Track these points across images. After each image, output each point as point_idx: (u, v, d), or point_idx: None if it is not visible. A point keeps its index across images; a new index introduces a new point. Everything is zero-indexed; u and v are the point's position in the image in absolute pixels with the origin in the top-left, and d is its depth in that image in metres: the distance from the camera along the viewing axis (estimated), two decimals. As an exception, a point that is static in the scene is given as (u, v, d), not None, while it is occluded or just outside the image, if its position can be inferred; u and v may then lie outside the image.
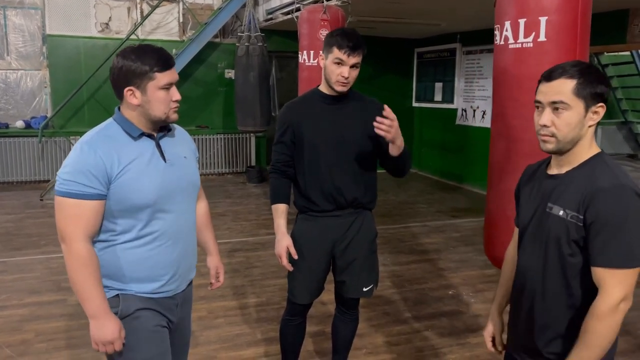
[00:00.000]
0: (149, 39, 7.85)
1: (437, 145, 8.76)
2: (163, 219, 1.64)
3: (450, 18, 6.50)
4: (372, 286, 2.41)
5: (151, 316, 1.65)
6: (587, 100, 1.35)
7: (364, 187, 2.28)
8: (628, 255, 1.28)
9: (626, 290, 1.29)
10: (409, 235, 5.49)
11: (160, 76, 1.55)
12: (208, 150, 8.30)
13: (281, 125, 2.29)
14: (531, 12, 2.03)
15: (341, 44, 2.11)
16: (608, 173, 1.34)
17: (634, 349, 3.16)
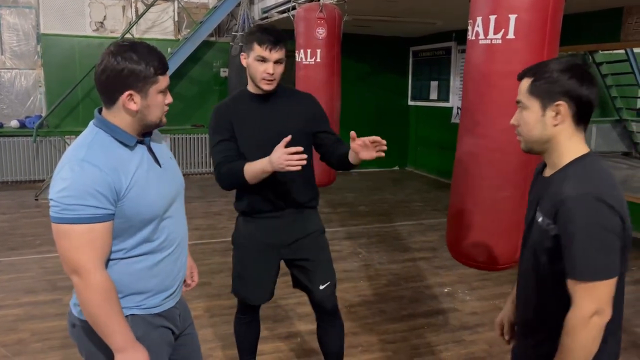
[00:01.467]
0: (144, 37, 7.82)
1: (433, 144, 8.77)
2: (167, 226, 1.55)
3: (446, 17, 6.51)
4: (329, 283, 2.32)
5: (159, 334, 1.58)
6: (543, 99, 1.33)
7: (301, 185, 2.22)
8: (594, 267, 1.23)
9: (598, 303, 1.23)
10: (405, 233, 5.50)
11: (162, 79, 1.45)
12: (203, 149, 8.28)
13: (216, 127, 2.16)
14: (502, 9, 2.03)
15: (261, 39, 2.04)
16: (578, 179, 1.28)
17: (628, 346, 3.18)
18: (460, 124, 2.39)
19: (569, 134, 1.34)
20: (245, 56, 2.13)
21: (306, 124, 2.19)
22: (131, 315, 1.51)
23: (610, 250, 1.23)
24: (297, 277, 2.35)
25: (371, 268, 4.43)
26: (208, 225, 5.70)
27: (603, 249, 1.22)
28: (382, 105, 9.05)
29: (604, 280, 1.23)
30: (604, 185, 1.27)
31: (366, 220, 5.92)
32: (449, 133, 8.29)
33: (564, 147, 1.35)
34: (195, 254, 4.70)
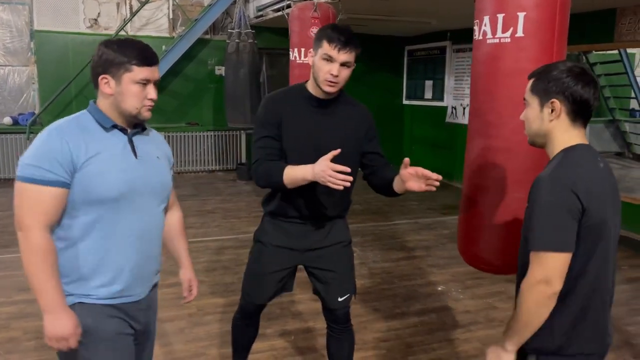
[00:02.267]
0: (138, 35, 7.79)
1: (428, 143, 8.79)
2: (129, 216, 1.56)
3: (441, 16, 6.52)
4: (349, 295, 2.26)
5: (112, 324, 1.58)
6: (541, 97, 1.46)
7: (339, 198, 2.11)
8: (545, 239, 1.35)
9: (546, 272, 1.35)
10: (399, 232, 5.51)
11: (137, 70, 1.51)
12: (198, 147, 8.27)
13: (264, 120, 2.07)
14: (509, 7, 2.02)
15: (331, 37, 1.93)
16: (555, 164, 1.42)
17: (620, 344, 3.21)
18: (470, 126, 2.36)
19: (564, 129, 1.45)
20: (313, 53, 2.02)
21: (358, 140, 2.09)
22: (79, 303, 1.54)
23: (564, 227, 1.34)
24: (316, 287, 2.28)
25: (365, 266, 4.44)
26: (202, 224, 5.69)
27: (556, 225, 1.34)
28: (377, 105, 9.02)
29: (553, 252, 1.34)
30: (573, 171, 1.38)
31: (361, 219, 5.93)
32: (444, 132, 8.33)
33: (558, 140, 1.46)
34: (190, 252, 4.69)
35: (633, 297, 3.95)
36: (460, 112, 7.90)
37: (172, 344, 3.10)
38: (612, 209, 1.42)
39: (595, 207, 1.35)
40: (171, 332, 3.24)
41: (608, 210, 1.39)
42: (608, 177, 1.45)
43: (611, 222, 1.41)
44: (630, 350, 3.14)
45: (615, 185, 1.48)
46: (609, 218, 1.39)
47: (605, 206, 1.38)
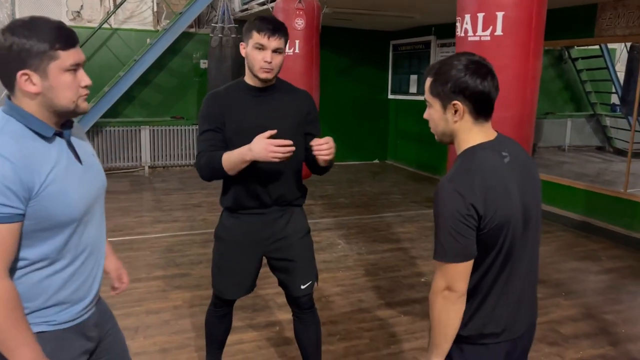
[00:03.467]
0: (122, 28, 7.74)
1: (413, 137, 8.86)
2: (84, 232, 1.39)
3: (425, 11, 6.57)
4: (311, 283, 2.31)
5: (73, 347, 1.41)
6: (442, 99, 1.42)
7: (290, 183, 2.19)
8: (440, 249, 1.37)
9: (447, 280, 1.37)
10: (383, 225, 5.57)
11: (64, 55, 1.25)
12: (183, 141, 8.23)
13: (206, 115, 2.12)
14: (489, 7, 2.09)
15: (260, 27, 2.01)
16: (452, 169, 1.42)
17: (597, 332, 3.29)
18: None
19: (467, 128, 1.43)
20: (244, 45, 2.09)
21: (299, 123, 2.14)
22: (39, 332, 1.33)
23: (461, 238, 1.34)
24: (278, 277, 2.34)
25: (349, 259, 4.48)
26: (188, 217, 5.69)
27: (452, 233, 1.34)
28: (362, 99, 9.10)
29: (452, 262, 1.36)
30: (465, 176, 1.37)
31: (346, 212, 5.97)
32: (428, 126, 8.37)
33: (462, 139, 1.45)
34: (175, 246, 4.73)
35: (610, 287, 4.05)
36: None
37: (157, 335, 3.11)
38: (512, 207, 1.39)
39: (492, 210, 1.35)
40: (156, 324, 3.26)
41: (506, 210, 1.38)
42: (512, 171, 1.42)
43: (515, 219, 1.40)
44: (607, 338, 3.23)
45: (525, 172, 1.47)
46: (512, 217, 1.39)
47: (506, 203, 1.37)
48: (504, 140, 1.48)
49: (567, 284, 4.05)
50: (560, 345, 3.10)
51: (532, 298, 1.55)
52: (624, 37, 5.31)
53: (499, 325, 1.45)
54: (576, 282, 4.10)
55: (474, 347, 1.46)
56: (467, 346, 1.47)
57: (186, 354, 2.93)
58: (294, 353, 2.92)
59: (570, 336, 3.22)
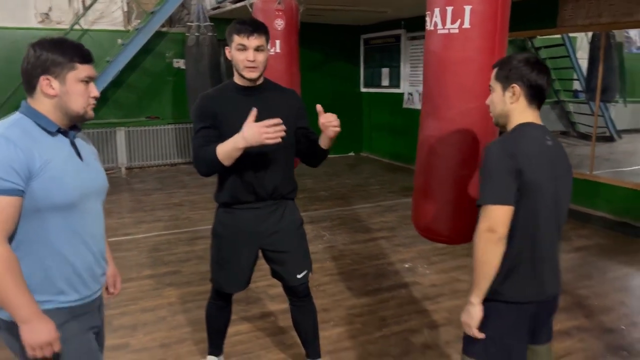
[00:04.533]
0: (92, 29, 7.66)
1: (386, 129, 9.05)
2: (82, 219, 1.57)
3: (395, 5, 6.72)
4: (306, 272, 2.42)
5: (78, 325, 1.59)
6: (503, 83, 1.71)
7: (283, 177, 2.28)
8: (484, 195, 1.61)
9: (490, 222, 1.59)
10: (364, 215, 5.73)
11: (81, 68, 1.51)
12: (160, 141, 8.22)
13: (200, 115, 2.20)
14: (457, 1, 2.21)
15: (239, 29, 2.11)
16: (502, 136, 1.69)
17: (572, 306, 3.52)
18: (422, 109, 2.56)
19: (521, 110, 1.70)
20: (229, 50, 2.19)
21: (289, 119, 2.23)
22: (46, 309, 1.51)
23: (504, 185, 1.58)
24: (274, 269, 2.42)
25: (335, 249, 4.63)
26: (170, 216, 5.74)
27: (498, 182, 1.59)
28: (336, 93, 9.22)
29: (493, 205, 1.58)
30: (513, 139, 1.65)
31: (327, 205, 6.11)
32: (401, 118, 8.59)
33: (515, 119, 1.71)
34: (162, 245, 4.79)
35: (581, 264, 4.30)
36: (416, 97, 8.17)
37: (155, 331, 3.19)
38: (549, 178, 1.64)
39: (530, 170, 1.59)
40: (153, 321, 3.33)
41: (543, 177, 1.63)
42: (551, 152, 1.67)
43: (546, 188, 1.63)
44: (581, 310, 3.46)
45: (561, 160, 1.72)
46: (544, 184, 1.63)
47: (541, 173, 1.62)
48: (548, 130, 1.74)
49: (542, 263, 4.28)
50: (538, 320, 3.31)
51: (557, 268, 1.77)
52: (585, 27, 5.58)
53: (530, 288, 1.67)
54: (550, 261, 4.33)
55: (507, 305, 1.68)
56: (501, 305, 1.68)
57: (186, 347, 3.02)
58: (290, 341, 3.05)
59: (548, 311, 3.43)
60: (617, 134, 9.55)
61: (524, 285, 1.67)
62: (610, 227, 5.18)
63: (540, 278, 1.69)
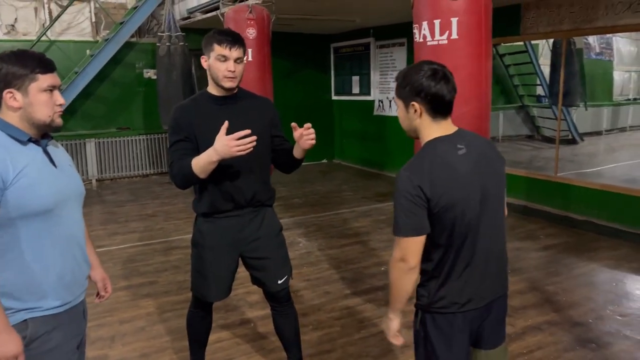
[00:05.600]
0: (59, 40, 7.57)
1: (358, 136, 9.17)
2: (62, 225, 1.59)
3: (364, 14, 6.86)
4: (286, 277, 2.45)
5: (62, 336, 1.60)
6: (404, 100, 1.67)
7: (261, 184, 2.31)
8: (396, 226, 1.61)
9: (402, 253, 1.61)
10: (339, 221, 5.80)
11: (42, 78, 1.53)
12: (131, 152, 8.14)
13: (175, 127, 2.20)
14: (444, 13, 2.32)
15: (220, 39, 2.13)
16: (409, 161, 1.66)
17: (542, 302, 3.65)
18: None
19: (427, 125, 1.66)
20: (206, 58, 2.20)
21: (264, 127, 2.28)
22: (31, 317, 1.53)
23: (410, 214, 1.58)
24: (255, 276, 2.44)
25: (312, 255, 4.67)
26: (145, 227, 5.69)
27: (407, 213, 1.59)
28: (307, 101, 9.31)
29: (404, 237, 1.60)
30: (419, 165, 1.62)
31: (301, 212, 6.16)
32: (373, 125, 8.73)
33: (423, 135, 1.68)
34: (137, 256, 4.75)
35: (549, 262, 4.45)
36: (386, 104, 8.32)
37: (135, 342, 3.17)
38: (465, 192, 1.60)
39: (438, 195, 1.57)
40: (132, 331, 3.31)
41: (457, 196, 1.59)
42: (466, 161, 1.62)
43: (464, 201, 1.60)
44: (551, 306, 3.59)
45: (483, 161, 1.67)
46: (458, 200, 1.59)
47: (453, 193, 1.58)
48: (464, 134, 1.70)
49: (512, 262, 4.42)
50: (511, 316, 3.42)
51: (497, 271, 1.76)
52: (547, 34, 5.81)
53: (463, 296, 1.68)
54: (520, 260, 4.48)
55: (443, 316, 1.69)
56: (437, 315, 1.70)
57: (167, 356, 3.01)
58: (271, 346, 3.08)
59: (519, 307, 3.56)
60: (580, 136, 9.90)
61: (456, 294, 1.68)
62: (575, 226, 5.38)
63: (474, 285, 1.69)
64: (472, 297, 1.69)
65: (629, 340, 3.11)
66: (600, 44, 11.58)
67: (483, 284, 1.71)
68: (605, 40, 11.55)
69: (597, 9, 5.06)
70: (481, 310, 1.72)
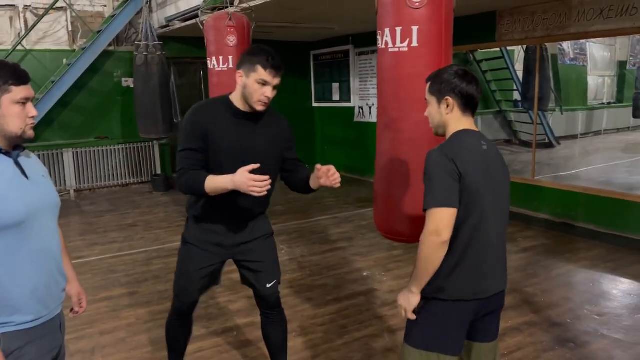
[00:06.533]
0: (35, 49, 7.47)
1: (339, 142, 9.21)
2: (36, 237, 1.56)
3: (343, 22, 6.92)
4: (275, 282, 2.45)
5: (36, 350, 1.56)
6: (438, 96, 1.82)
7: (263, 200, 2.30)
8: (429, 199, 1.68)
9: (435, 225, 1.66)
10: (321, 227, 5.81)
11: (16, 90, 1.50)
12: (110, 161, 8.04)
13: (191, 132, 2.16)
14: (405, 21, 2.39)
15: (265, 64, 2.09)
16: (442, 143, 1.79)
17: (521, 303, 3.71)
18: (379, 121, 2.74)
19: (456, 119, 1.82)
20: (242, 75, 2.14)
21: (279, 149, 2.28)
22: (3, 332, 1.50)
23: (447, 188, 1.67)
24: (245, 276, 2.46)
25: (294, 261, 4.68)
26: (125, 237, 5.63)
27: (439, 185, 1.67)
28: (288, 108, 9.21)
29: (438, 207, 1.66)
30: (451, 146, 1.76)
31: (284, 219, 6.16)
32: (353, 131, 8.77)
33: (452, 127, 1.82)
34: (118, 266, 4.70)
35: (528, 263, 4.53)
36: (367, 111, 8.38)
37: (115, 353, 3.14)
38: (485, 180, 1.73)
39: (469, 174, 1.68)
40: (112, 343, 3.27)
41: (481, 179, 1.71)
42: (487, 156, 1.76)
43: (485, 190, 1.72)
44: (530, 307, 3.64)
45: (497, 163, 1.81)
46: (482, 186, 1.71)
47: (479, 176, 1.70)
48: (484, 136, 1.84)
49: (492, 265, 4.48)
50: (491, 318, 3.47)
51: (502, 266, 1.85)
52: (521, 40, 5.93)
53: (471, 285, 1.75)
54: (499, 263, 4.54)
55: (447, 303, 1.76)
56: (441, 302, 1.77)
57: (148, 367, 2.98)
58: (255, 353, 3.07)
59: (499, 309, 3.60)
60: (556, 140, 10.10)
61: (465, 283, 1.75)
62: (552, 228, 5.48)
63: (482, 276, 1.77)
64: (479, 288, 1.77)
65: (606, 339, 3.17)
66: (575, 49, 11.85)
67: (490, 276, 1.79)
68: (579, 46, 11.82)
69: (570, 16, 5.19)
70: (483, 302, 1.80)
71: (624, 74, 12.86)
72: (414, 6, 2.37)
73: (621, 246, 4.87)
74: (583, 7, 5.07)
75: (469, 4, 5.26)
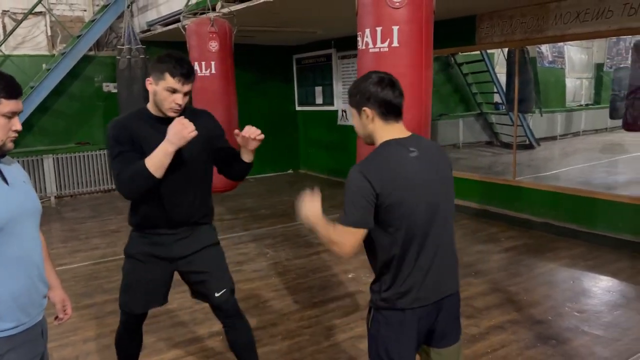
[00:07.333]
0: (14, 55, 7.37)
1: (322, 146, 9.23)
2: (16, 244, 1.55)
3: (325, 26, 6.95)
4: (225, 290, 2.37)
5: (17, 357, 1.55)
6: (356, 108, 1.78)
7: (199, 203, 2.28)
8: (343, 216, 1.67)
9: (340, 239, 1.67)
10: (306, 230, 5.81)
11: (5, 103, 1.50)
12: (91, 167, 7.95)
13: (116, 140, 2.11)
14: (385, 22, 2.41)
15: (174, 72, 2.06)
16: (361, 161, 1.74)
17: (504, 302, 3.76)
18: None
19: (380, 128, 1.76)
20: (152, 82, 2.12)
21: (207, 143, 2.24)
22: None
23: (357, 207, 1.65)
24: (193, 288, 2.42)
25: (280, 265, 4.68)
26: (108, 244, 5.57)
27: (352, 205, 1.66)
28: (271, 112, 9.32)
29: (348, 227, 1.66)
30: (369, 163, 1.70)
31: (268, 222, 6.15)
32: (337, 134, 8.81)
33: (377, 137, 1.77)
34: (100, 273, 4.65)
35: (510, 263, 4.59)
36: (350, 114, 8.41)
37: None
38: (415, 189, 1.68)
39: (387, 192, 1.63)
40: (96, 350, 3.24)
41: (407, 192, 1.66)
42: (417, 163, 1.70)
43: (412, 199, 1.67)
44: (513, 305, 3.70)
45: (433, 164, 1.76)
46: (410, 197, 1.67)
47: (404, 187, 1.66)
48: (417, 139, 1.78)
49: (475, 264, 4.54)
50: (475, 317, 3.51)
51: (447, 270, 1.81)
52: (500, 44, 6.03)
53: (411, 293, 1.73)
54: (482, 263, 4.60)
55: (392, 312, 1.74)
56: (386, 311, 1.75)
57: (134, 373, 2.95)
58: (232, 361, 3.05)
59: (483, 308, 3.65)
60: (536, 141, 10.26)
61: (405, 291, 1.73)
62: (534, 228, 5.57)
63: (422, 283, 1.74)
64: (420, 294, 1.74)
65: (587, 335, 3.24)
66: (553, 52, 12.08)
67: (432, 282, 1.75)
68: (557, 49, 12.05)
69: (547, 19, 5.29)
70: (430, 308, 1.77)
71: (601, 75, 13.15)
72: (394, 6, 2.39)
73: (601, 244, 4.96)
74: (560, 10, 5.17)
75: (450, 8, 5.33)
